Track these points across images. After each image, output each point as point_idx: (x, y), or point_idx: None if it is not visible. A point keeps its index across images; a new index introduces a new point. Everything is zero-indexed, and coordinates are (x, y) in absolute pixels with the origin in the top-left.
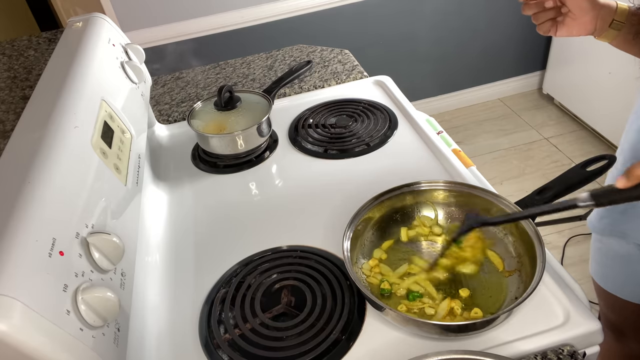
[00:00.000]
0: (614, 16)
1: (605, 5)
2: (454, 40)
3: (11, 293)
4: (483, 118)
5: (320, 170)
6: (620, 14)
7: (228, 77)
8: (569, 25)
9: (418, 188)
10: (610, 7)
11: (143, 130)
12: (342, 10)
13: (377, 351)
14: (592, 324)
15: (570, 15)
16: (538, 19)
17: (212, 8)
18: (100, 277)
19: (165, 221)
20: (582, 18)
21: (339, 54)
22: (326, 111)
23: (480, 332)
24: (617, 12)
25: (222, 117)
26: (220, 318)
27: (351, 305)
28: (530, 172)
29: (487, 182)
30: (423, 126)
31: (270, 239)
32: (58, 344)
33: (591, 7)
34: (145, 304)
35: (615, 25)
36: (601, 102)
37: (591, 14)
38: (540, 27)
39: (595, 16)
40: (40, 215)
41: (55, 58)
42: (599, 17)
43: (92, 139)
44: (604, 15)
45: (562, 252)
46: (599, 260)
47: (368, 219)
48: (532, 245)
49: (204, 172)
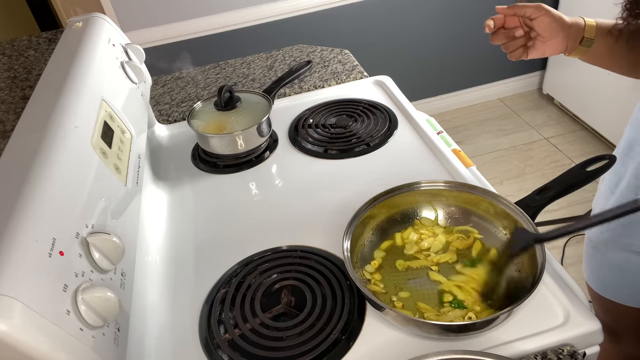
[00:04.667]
0: (583, 33)
1: (573, 24)
2: (454, 40)
3: (11, 293)
4: (483, 118)
5: (320, 170)
6: (589, 30)
7: (228, 77)
8: (540, 48)
9: (418, 188)
10: (579, 25)
11: (143, 130)
12: (342, 10)
13: (377, 351)
14: (592, 324)
15: (540, 38)
16: (508, 47)
17: (212, 8)
18: (100, 277)
19: (165, 221)
20: (553, 40)
21: (339, 54)
22: (326, 111)
23: (480, 332)
24: (585, 29)
25: (222, 117)
26: (220, 318)
27: (351, 305)
28: (530, 172)
29: (487, 182)
30: (423, 126)
31: (270, 239)
32: (58, 344)
33: (560, 29)
34: (145, 304)
35: (585, 42)
36: (601, 102)
37: (561, 34)
38: (512, 55)
39: (566, 36)
40: (40, 215)
41: (55, 58)
42: (569, 36)
43: (92, 139)
44: (574, 33)
45: (562, 252)
46: (594, 266)
47: (368, 219)
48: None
49: (204, 172)
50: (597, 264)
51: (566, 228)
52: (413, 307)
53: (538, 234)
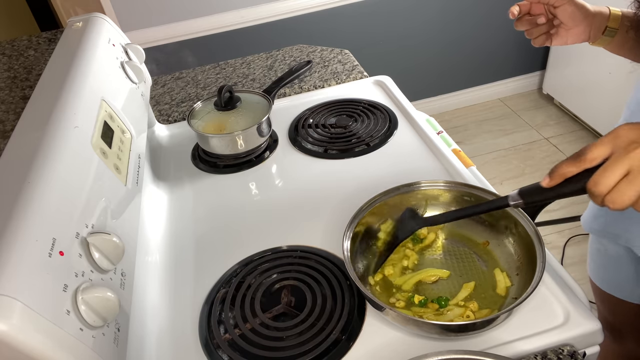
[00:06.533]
0: (607, 23)
1: (597, 13)
2: (454, 40)
3: (11, 293)
4: (483, 118)
5: (320, 170)
6: (613, 20)
7: (228, 77)
8: (563, 35)
9: (418, 188)
10: (603, 14)
11: (143, 130)
12: (342, 10)
13: (377, 351)
14: (592, 324)
15: (563, 26)
16: (532, 34)
17: (212, 8)
18: (100, 277)
19: (165, 221)
20: (576, 28)
21: (339, 54)
22: (326, 111)
23: (480, 332)
24: (610, 19)
25: (222, 117)
26: (220, 318)
27: (351, 305)
28: (530, 172)
29: (487, 182)
30: (423, 126)
31: (270, 239)
32: (58, 344)
33: (583, 17)
34: (145, 304)
35: (609, 32)
36: (601, 102)
37: (584, 23)
38: (535, 41)
39: (589, 25)
40: (40, 215)
41: (55, 58)
42: (593, 25)
43: (92, 139)
44: (597, 22)
45: (562, 252)
46: (597, 260)
47: (368, 219)
48: (532, 245)
49: (204, 172)
50: (600, 258)
51: (454, 214)
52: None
53: (425, 217)
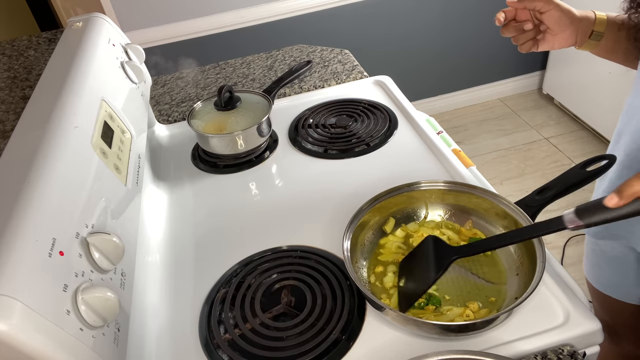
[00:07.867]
0: (593, 27)
1: (584, 18)
2: (454, 40)
3: (11, 293)
4: (483, 118)
5: (320, 170)
6: (599, 24)
7: (228, 77)
8: (550, 41)
9: (418, 188)
10: (589, 19)
11: (143, 130)
12: (342, 10)
13: (377, 351)
14: (592, 324)
15: (550, 32)
16: (518, 40)
17: (212, 8)
18: (100, 277)
19: (165, 221)
20: (562, 33)
21: (339, 54)
22: (326, 111)
23: (480, 332)
24: (595, 23)
25: (222, 117)
26: (220, 318)
27: (351, 305)
28: (530, 172)
29: (487, 182)
30: (423, 126)
31: (270, 239)
32: (58, 344)
33: (570, 22)
34: (145, 304)
35: (595, 35)
36: (601, 102)
37: (570, 28)
38: (522, 47)
39: (575, 29)
40: (40, 215)
41: (55, 58)
42: (579, 29)
43: (92, 139)
44: (584, 27)
45: (562, 252)
46: (594, 261)
47: (368, 219)
48: (532, 245)
49: (204, 172)
50: (596, 259)
51: (489, 244)
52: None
53: (457, 248)
